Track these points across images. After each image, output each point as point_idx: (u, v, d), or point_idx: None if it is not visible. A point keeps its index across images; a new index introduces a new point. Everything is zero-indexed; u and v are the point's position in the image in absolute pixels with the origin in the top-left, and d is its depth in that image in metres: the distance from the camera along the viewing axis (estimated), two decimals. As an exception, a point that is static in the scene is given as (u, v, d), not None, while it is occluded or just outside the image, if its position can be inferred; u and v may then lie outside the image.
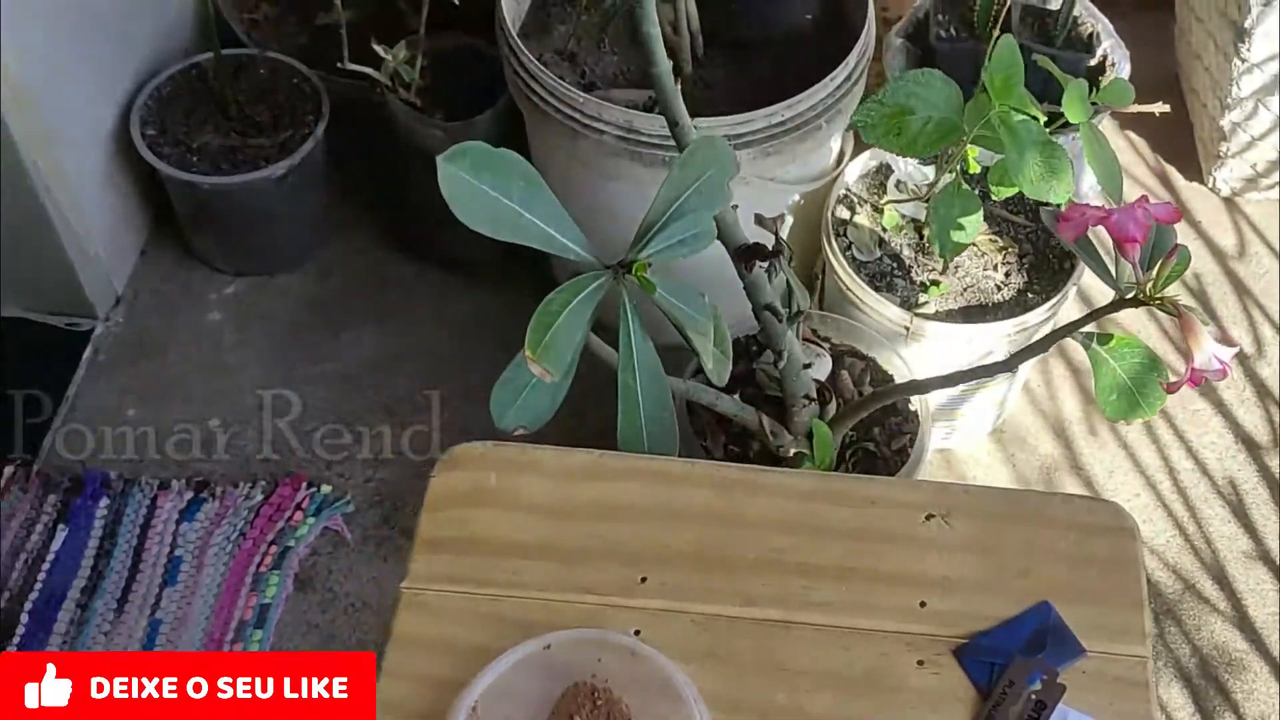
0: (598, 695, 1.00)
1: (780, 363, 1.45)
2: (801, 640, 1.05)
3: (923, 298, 1.72)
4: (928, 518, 1.11)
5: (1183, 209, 2.18)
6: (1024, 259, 1.75)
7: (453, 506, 1.12)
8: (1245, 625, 1.83)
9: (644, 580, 1.08)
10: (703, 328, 1.13)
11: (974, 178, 1.59)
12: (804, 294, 1.41)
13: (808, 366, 1.52)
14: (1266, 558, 1.88)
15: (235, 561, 1.84)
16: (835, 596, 1.07)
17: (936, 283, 1.72)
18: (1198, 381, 1.10)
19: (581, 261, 1.08)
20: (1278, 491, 1.93)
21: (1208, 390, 2.00)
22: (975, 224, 1.53)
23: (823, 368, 1.63)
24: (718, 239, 1.19)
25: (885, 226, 1.77)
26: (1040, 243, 1.76)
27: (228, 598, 1.81)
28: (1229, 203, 2.22)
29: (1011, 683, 1.01)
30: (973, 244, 1.71)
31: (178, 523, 1.86)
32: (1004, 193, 1.52)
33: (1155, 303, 1.12)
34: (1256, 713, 1.76)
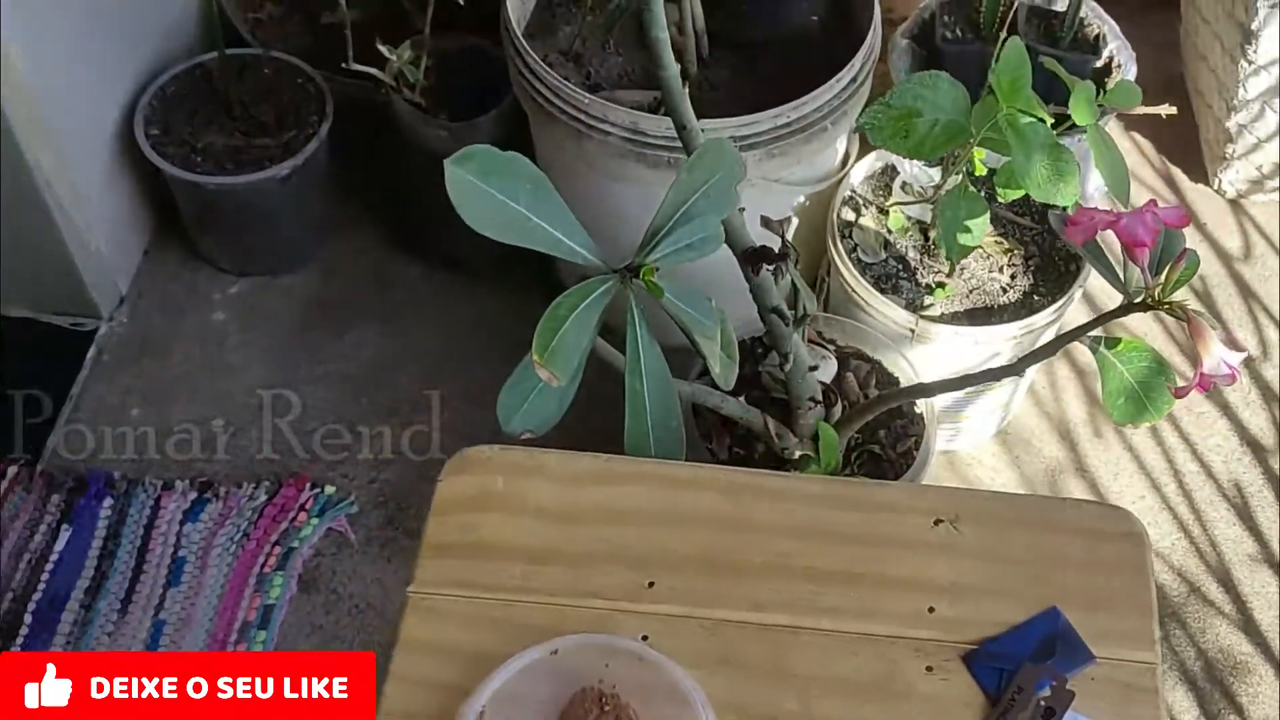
0: (605, 701, 1.00)
1: (786, 365, 1.45)
2: (810, 645, 1.05)
3: (928, 300, 1.71)
4: (936, 523, 1.11)
5: (1188, 211, 2.18)
6: (1030, 261, 1.75)
7: (460, 511, 1.12)
8: (1250, 628, 1.82)
9: (651, 585, 1.08)
10: (710, 332, 1.13)
11: (980, 180, 1.58)
12: (810, 297, 1.41)
13: (813, 369, 1.52)
14: (1271, 561, 1.87)
15: (239, 562, 1.83)
16: (843, 602, 1.07)
17: (942, 285, 1.72)
18: (1206, 387, 1.10)
19: (589, 265, 1.08)
20: (1283, 494, 1.93)
21: (1213, 393, 1.99)
22: (981, 226, 1.53)
23: (828, 370, 1.63)
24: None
25: (891, 228, 1.76)
26: (1046, 245, 1.76)
27: (232, 598, 1.81)
28: (1234, 205, 2.21)
29: (1020, 689, 1.01)
30: (978, 246, 1.71)
31: (182, 523, 1.86)
32: (1010, 195, 1.52)
33: (1164, 307, 1.11)
34: (1261, 716, 1.76)
